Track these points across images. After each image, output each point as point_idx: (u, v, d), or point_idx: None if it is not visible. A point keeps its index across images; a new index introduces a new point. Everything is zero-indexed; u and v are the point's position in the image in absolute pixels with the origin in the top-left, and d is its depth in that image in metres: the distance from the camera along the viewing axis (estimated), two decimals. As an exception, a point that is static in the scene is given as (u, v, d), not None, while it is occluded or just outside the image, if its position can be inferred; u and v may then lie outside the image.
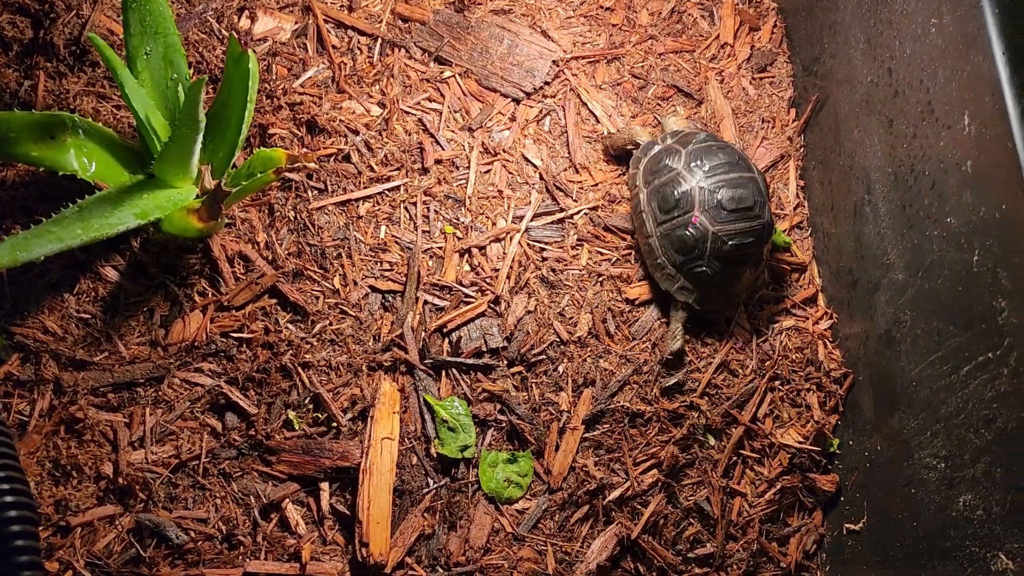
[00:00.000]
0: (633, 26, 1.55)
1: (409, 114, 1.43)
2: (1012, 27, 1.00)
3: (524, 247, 1.36)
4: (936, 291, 1.09)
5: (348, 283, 1.31)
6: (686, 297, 1.31)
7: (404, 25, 1.49)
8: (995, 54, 0.99)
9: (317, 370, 1.25)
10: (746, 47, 1.54)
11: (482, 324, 1.31)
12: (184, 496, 1.18)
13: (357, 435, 1.23)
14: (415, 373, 1.28)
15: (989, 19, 1.01)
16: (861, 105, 1.29)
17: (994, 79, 0.99)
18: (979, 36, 1.02)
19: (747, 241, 1.27)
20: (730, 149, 1.32)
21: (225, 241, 1.28)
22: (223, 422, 1.22)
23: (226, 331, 1.25)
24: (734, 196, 1.26)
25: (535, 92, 1.47)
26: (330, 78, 1.44)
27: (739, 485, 1.30)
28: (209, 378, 1.23)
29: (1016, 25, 1.00)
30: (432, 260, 1.35)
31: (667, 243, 1.30)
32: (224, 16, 1.44)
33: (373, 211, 1.36)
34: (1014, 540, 0.94)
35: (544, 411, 1.28)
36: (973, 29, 1.03)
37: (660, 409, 1.29)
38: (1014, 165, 0.95)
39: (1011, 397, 0.95)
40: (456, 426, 1.25)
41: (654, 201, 1.32)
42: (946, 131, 1.08)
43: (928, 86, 1.12)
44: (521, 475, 1.26)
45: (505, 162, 1.41)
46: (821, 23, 1.42)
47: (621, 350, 1.31)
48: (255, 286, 1.27)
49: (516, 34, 1.49)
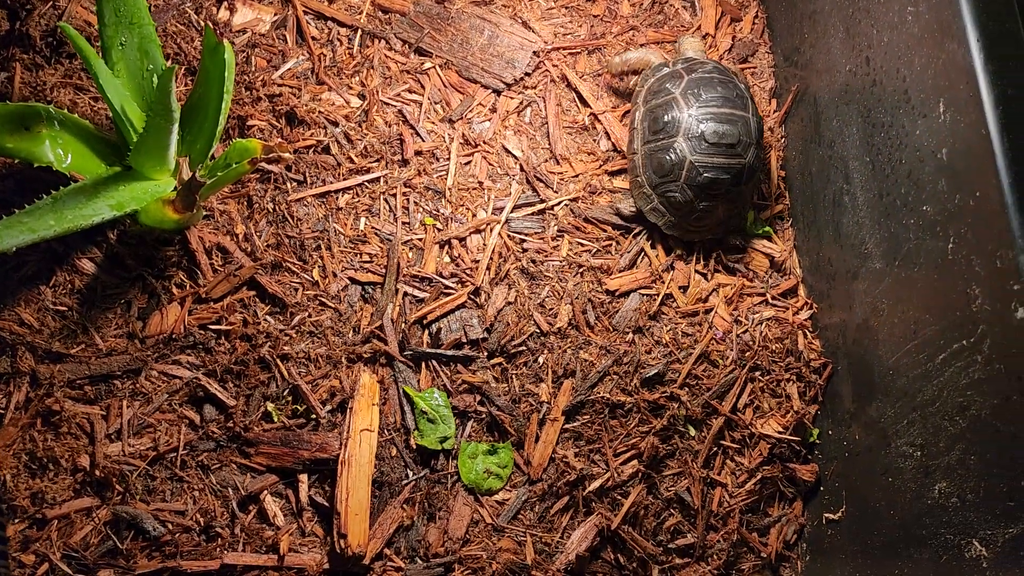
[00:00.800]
0: (615, 17, 1.54)
1: (389, 105, 1.42)
2: (986, 14, 0.99)
3: (504, 238, 1.35)
4: (912, 279, 1.09)
5: (327, 275, 1.30)
6: (656, 219, 1.36)
7: (384, 16, 1.49)
8: (969, 41, 0.99)
9: (296, 362, 1.25)
10: (728, 38, 1.54)
11: (462, 315, 1.31)
12: (162, 488, 1.17)
13: (336, 427, 1.23)
14: (395, 365, 1.28)
15: (964, 6, 1.00)
16: (840, 94, 1.29)
17: (968, 66, 0.98)
18: (954, 24, 1.01)
19: (722, 177, 1.30)
20: (732, 84, 1.34)
21: (203, 233, 1.28)
22: (201, 414, 1.22)
23: (204, 323, 1.24)
24: (717, 131, 1.29)
25: (516, 83, 1.46)
26: (310, 69, 1.43)
27: (719, 476, 1.30)
28: (187, 370, 1.23)
29: (990, 12, 0.99)
30: (412, 252, 1.34)
31: (648, 162, 1.34)
32: (203, 7, 1.44)
33: (353, 203, 1.35)
34: (987, 527, 0.94)
35: (524, 402, 1.28)
36: (948, 17, 1.03)
37: (640, 400, 1.28)
38: (988, 152, 0.95)
39: (985, 384, 0.95)
40: (436, 417, 1.25)
41: (647, 120, 1.36)
42: (922, 119, 1.08)
43: (905, 74, 1.12)
44: (501, 466, 1.26)
45: (485, 153, 1.41)
46: (801, 13, 1.42)
47: (601, 341, 1.31)
48: (233, 278, 1.26)
49: (497, 25, 1.49)
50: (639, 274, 1.35)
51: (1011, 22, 1.00)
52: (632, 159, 1.37)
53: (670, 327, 1.34)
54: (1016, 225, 0.91)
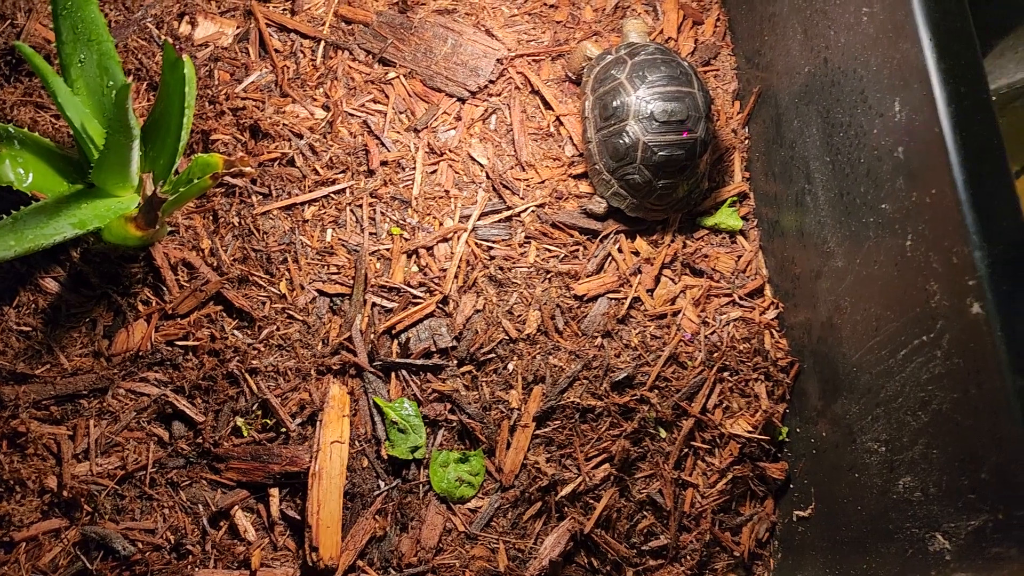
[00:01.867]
0: (578, 22, 1.55)
1: (354, 116, 1.42)
2: (937, 13, 1.01)
3: (471, 246, 1.36)
4: (873, 277, 1.11)
5: (295, 287, 1.30)
6: (619, 203, 1.38)
7: (347, 27, 1.49)
8: (922, 40, 1.00)
9: (265, 376, 1.24)
10: (690, 41, 1.55)
11: (431, 324, 1.31)
12: (131, 507, 1.17)
13: (307, 439, 1.23)
14: (364, 376, 1.28)
15: (916, 6, 1.02)
16: (800, 95, 1.30)
17: (921, 66, 1.00)
18: (907, 23, 1.03)
19: (676, 153, 1.32)
20: (675, 63, 1.36)
21: (168, 249, 1.27)
22: (170, 431, 1.21)
23: (171, 339, 1.24)
24: (666, 109, 1.32)
25: (480, 91, 1.47)
26: (273, 82, 1.43)
27: (691, 476, 1.31)
28: (155, 387, 1.22)
29: (941, 11, 1.01)
30: (379, 262, 1.34)
31: (604, 149, 1.36)
32: (164, 22, 1.43)
33: (319, 214, 1.35)
34: (950, 520, 0.95)
35: (495, 409, 1.28)
36: (901, 17, 1.04)
37: (610, 404, 1.29)
38: (942, 150, 0.96)
39: (944, 379, 0.96)
40: (406, 427, 1.25)
41: (597, 108, 1.38)
42: (879, 118, 1.09)
43: (862, 74, 1.14)
44: (473, 474, 1.26)
45: (451, 162, 1.41)
46: (761, 15, 1.44)
47: (571, 346, 1.32)
48: (200, 293, 1.26)
49: (460, 33, 1.49)
50: (607, 278, 1.36)
51: (962, 20, 1.01)
52: (588, 148, 1.39)
53: (639, 330, 1.34)
54: (970, 221, 0.92)
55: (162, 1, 1.45)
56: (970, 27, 1.00)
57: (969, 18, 1.02)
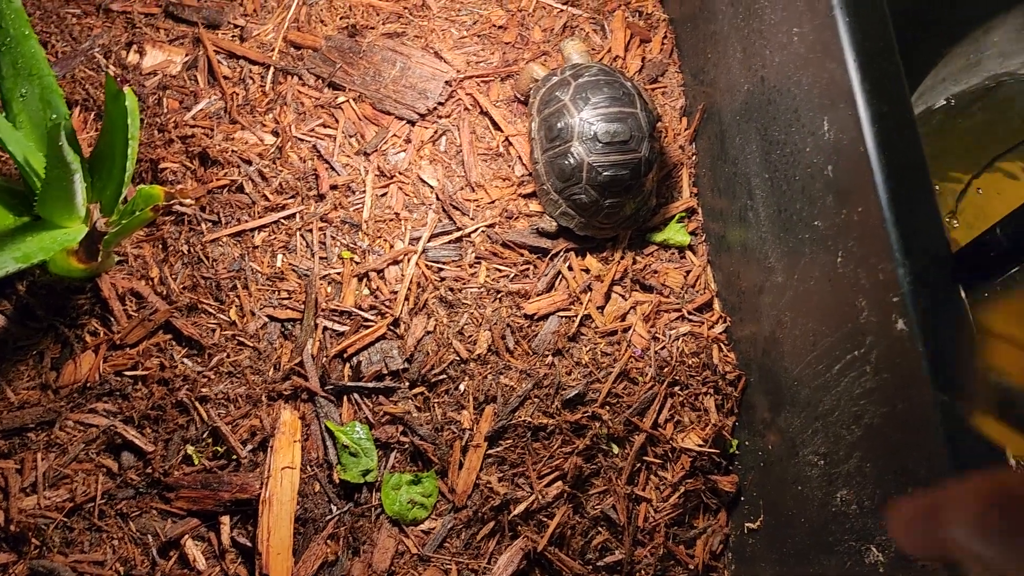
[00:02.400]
0: (526, 43, 1.57)
1: (303, 141, 1.43)
2: (862, 34, 1.03)
3: (422, 268, 1.37)
4: (809, 292, 1.12)
5: (245, 314, 1.31)
6: (567, 222, 1.40)
7: (297, 52, 1.50)
8: (847, 61, 1.02)
9: (215, 403, 1.25)
10: (637, 59, 1.57)
11: (382, 347, 1.32)
12: (80, 540, 1.17)
13: (258, 466, 1.23)
14: (316, 400, 1.28)
15: (841, 27, 1.04)
16: (741, 113, 1.32)
17: (847, 86, 1.02)
18: (833, 44, 1.05)
19: (621, 173, 1.34)
20: (618, 84, 1.38)
21: (115, 279, 1.27)
22: (119, 462, 1.21)
23: (119, 370, 1.24)
24: (609, 130, 1.34)
25: (430, 113, 1.48)
26: (222, 109, 1.44)
27: (644, 491, 1.32)
28: (104, 418, 1.22)
29: (865, 32, 1.03)
30: (330, 286, 1.35)
31: (550, 169, 1.38)
32: (112, 52, 1.44)
33: (269, 240, 1.36)
34: (883, 533, 0.97)
35: (447, 430, 1.29)
36: (828, 37, 1.06)
37: (562, 421, 1.30)
38: (867, 169, 0.98)
39: (875, 393, 0.98)
40: (358, 451, 1.26)
41: (542, 129, 1.40)
42: (811, 137, 1.11)
43: (795, 93, 1.15)
44: (425, 495, 1.27)
45: (401, 184, 1.42)
46: (704, 33, 1.46)
47: (521, 365, 1.33)
48: (148, 323, 1.26)
49: (408, 56, 1.50)
50: (557, 297, 1.37)
51: (885, 41, 1.03)
52: (535, 168, 1.41)
53: (589, 347, 1.36)
54: (894, 239, 0.94)
55: (110, 31, 1.45)
56: (893, 47, 1.03)
57: (893, 38, 1.04)
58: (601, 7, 1.61)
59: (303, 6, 1.53)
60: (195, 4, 1.50)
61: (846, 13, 1.05)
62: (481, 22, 1.57)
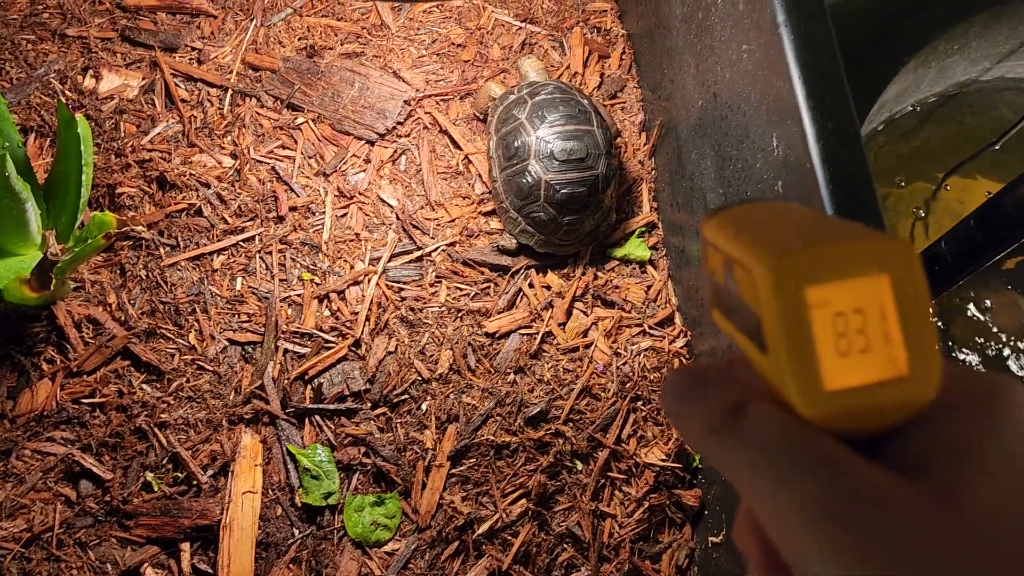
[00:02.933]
0: (485, 61, 1.58)
1: (262, 163, 1.43)
2: (806, 51, 1.04)
3: (383, 288, 1.37)
4: (763, 307, 1.13)
5: (205, 338, 1.30)
6: (527, 240, 1.40)
7: (255, 74, 1.50)
8: (793, 78, 1.03)
9: (175, 429, 1.24)
10: (596, 75, 1.58)
11: (343, 368, 1.32)
12: (38, 570, 1.15)
13: (219, 491, 1.22)
14: (277, 423, 1.28)
15: (787, 44, 1.05)
16: (696, 129, 1.33)
17: (793, 103, 1.03)
18: (779, 61, 1.06)
19: (579, 190, 1.35)
20: (574, 102, 1.39)
21: (72, 306, 1.27)
22: (77, 490, 1.20)
23: (77, 397, 1.23)
24: (565, 148, 1.34)
25: (389, 132, 1.48)
26: (180, 132, 1.43)
27: (609, 507, 1.33)
28: (61, 446, 1.21)
29: (810, 49, 1.04)
30: (291, 308, 1.35)
31: (509, 188, 1.38)
32: (68, 77, 1.43)
33: (228, 263, 1.35)
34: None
35: (409, 450, 1.29)
36: (774, 55, 1.07)
37: (525, 439, 1.30)
38: (815, 186, 0.99)
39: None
40: (319, 473, 1.25)
41: (500, 148, 1.40)
42: (761, 153, 1.12)
43: (745, 110, 1.17)
44: (389, 517, 1.26)
45: (361, 204, 1.43)
46: (660, 49, 1.47)
47: (483, 384, 1.33)
48: (105, 349, 1.25)
49: (367, 76, 1.51)
50: (518, 314, 1.38)
51: (830, 59, 1.05)
52: (494, 187, 1.42)
53: (551, 364, 1.36)
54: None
55: (66, 56, 1.45)
56: (838, 66, 1.04)
57: (838, 56, 1.05)
58: (559, 24, 1.62)
59: (261, 28, 1.53)
60: (152, 27, 1.50)
61: (791, 31, 1.06)
62: (440, 41, 1.58)
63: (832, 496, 0.30)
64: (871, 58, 1.79)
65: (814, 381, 0.33)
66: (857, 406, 0.33)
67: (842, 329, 0.33)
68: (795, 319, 0.33)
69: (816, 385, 0.33)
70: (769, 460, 0.33)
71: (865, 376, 0.33)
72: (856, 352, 0.33)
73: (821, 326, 0.33)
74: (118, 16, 1.50)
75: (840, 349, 0.33)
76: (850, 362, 0.33)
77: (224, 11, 1.54)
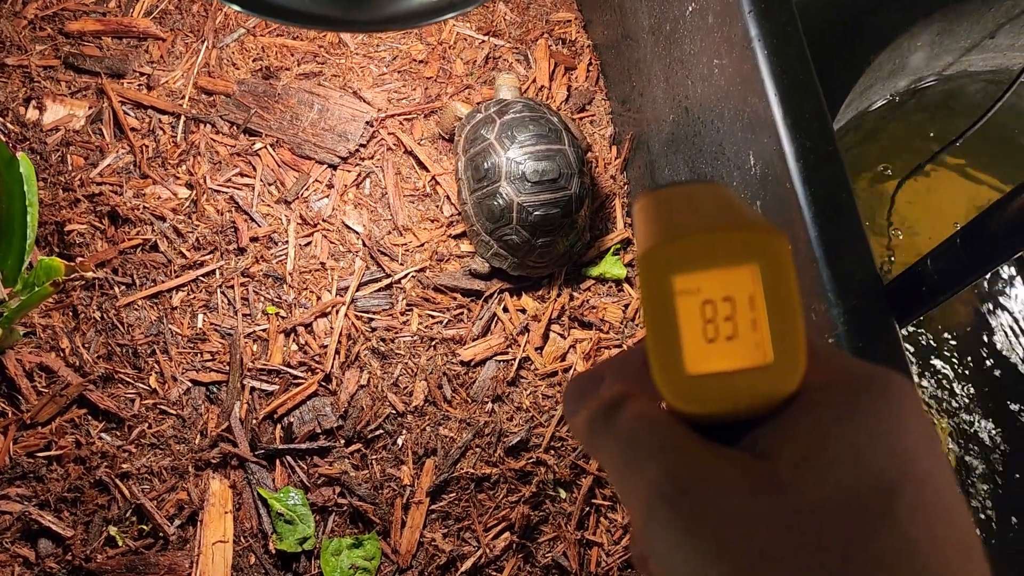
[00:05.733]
0: (449, 77, 1.53)
1: (220, 192, 1.37)
2: (781, 67, 1.01)
3: (352, 319, 1.31)
4: (747, 329, 1.10)
5: (166, 380, 1.24)
6: (500, 263, 1.35)
7: (208, 99, 1.44)
8: (768, 95, 1.00)
9: (138, 479, 1.18)
10: (563, 88, 1.54)
11: (314, 405, 1.26)
12: (-4, 639, 1.09)
13: (187, 542, 1.17)
14: (247, 466, 1.22)
15: (761, 60, 1.02)
16: (668, 143, 1.30)
17: (770, 120, 1.00)
18: (754, 77, 1.03)
19: (552, 212, 1.31)
20: (544, 120, 1.35)
21: (22, 354, 1.20)
22: (36, 550, 1.14)
23: (32, 451, 1.17)
24: (537, 169, 1.30)
25: (351, 155, 1.43)
26: (131, 163, 1.37)
27: (595, 535, 1.29)
28: (17, 504, 1.14)
29: (785, 66, 1.01)
30: (256, 344, 1.29)
31: (480, 210, 1.34)
32: (9, 109, 1.36)
33: (188, 300, 1.29)
34: None
35: (386, 488, 1.24)
36: (748, 70, 1.04)
37: (506, 469, 1.26)
38: (795, 205, 0.96)
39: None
40: (293, 518, 1.20)
41: (469, 170, 1.36)
42: (737, 171, 1.09)
43: (719, 126, 1.13)
44: (368, 559, 1.22)
45: (325, 232, 1.37)
46: (628, 60, 1.43)
47: (460, 414, 1.29)
48: (60, 398, 1.19)
49: (326, 98, 1.45)
50: (493, 340, 1.33)
51: (805, 74, 1.01)
52: (464, 209, 1.37)
53: (530, 391, 1.32)
54: (826, 278, 0.92)
55: (6, 86, 1.37)
56: (814, 81, 1.01)
57: (813, 72, 1.02)
58: (523, 36, 1.58)
59: (213, 49, 1.47)
60: (97, 53, 1.43)
61: (764, 46, 1.03)
62: (401, 57, 1.53)
63: (668, 480, 0.31)
64: (836, 58, 1.78)
65: (676, 365, 0.34)
66: (720, 392, 0.33)
67: (710, 316, 0.34)
68: (660, 305, 0.34)
69: (678, 369, 0.34)
70: (623, 449, 0.34)
71: (729, 362, 0.34)
72: (723, 339, 0.34)
73: (687, 312, 0.34)
74: (61, 42, 1.43)
75: (707, 335, 0.34)
76: (715, 348, 0.34)
77: (173, 33, 1.48)
